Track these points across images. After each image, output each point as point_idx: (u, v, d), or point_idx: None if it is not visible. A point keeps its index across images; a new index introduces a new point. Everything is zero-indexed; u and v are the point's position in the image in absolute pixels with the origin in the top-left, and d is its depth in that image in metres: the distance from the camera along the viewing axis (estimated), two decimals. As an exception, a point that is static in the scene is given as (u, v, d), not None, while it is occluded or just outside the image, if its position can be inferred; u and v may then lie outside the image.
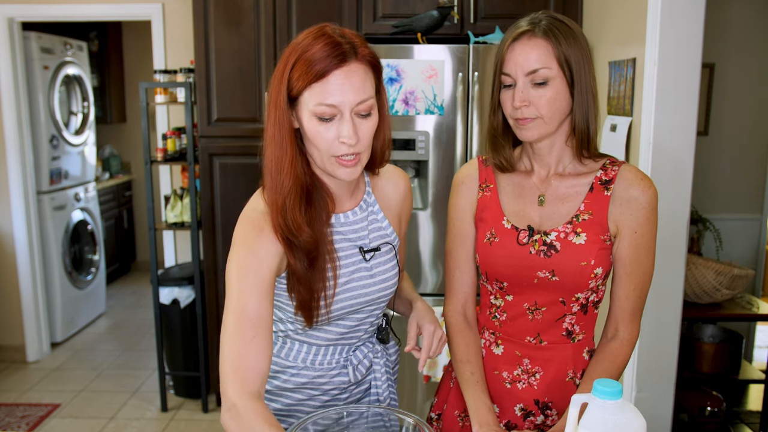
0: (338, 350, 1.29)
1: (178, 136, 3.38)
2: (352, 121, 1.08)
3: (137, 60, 5.88)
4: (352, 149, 1.10)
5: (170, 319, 3.37)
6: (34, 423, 3.20)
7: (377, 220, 1.28)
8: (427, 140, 2.71)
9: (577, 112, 1.19)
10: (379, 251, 1.26)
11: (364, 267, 1.24)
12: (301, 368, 1.28)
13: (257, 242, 1.12)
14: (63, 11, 3.70)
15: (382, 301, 1.29)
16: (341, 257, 1.21)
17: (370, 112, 1.11)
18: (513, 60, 1.17)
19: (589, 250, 1.20)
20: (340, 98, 1.07)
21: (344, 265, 1.21)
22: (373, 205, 1.28)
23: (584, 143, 1.21)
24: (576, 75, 1.17)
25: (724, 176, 3.38)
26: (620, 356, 1.24)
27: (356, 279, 1.23)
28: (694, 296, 2.72)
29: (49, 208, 4.16)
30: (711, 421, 2.82)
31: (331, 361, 1.28)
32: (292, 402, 1.30)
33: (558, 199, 1.25)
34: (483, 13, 2.91)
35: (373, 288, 1.25)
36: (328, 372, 1.29)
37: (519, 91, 1.17)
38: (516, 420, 1.28)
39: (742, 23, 3.28)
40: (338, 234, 1.22)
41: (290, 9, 2.97)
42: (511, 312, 1.27)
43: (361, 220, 1.25)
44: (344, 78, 1.06)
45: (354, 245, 1.23)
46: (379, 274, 1.25)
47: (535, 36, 1.16)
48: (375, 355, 1.34)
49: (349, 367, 1.29)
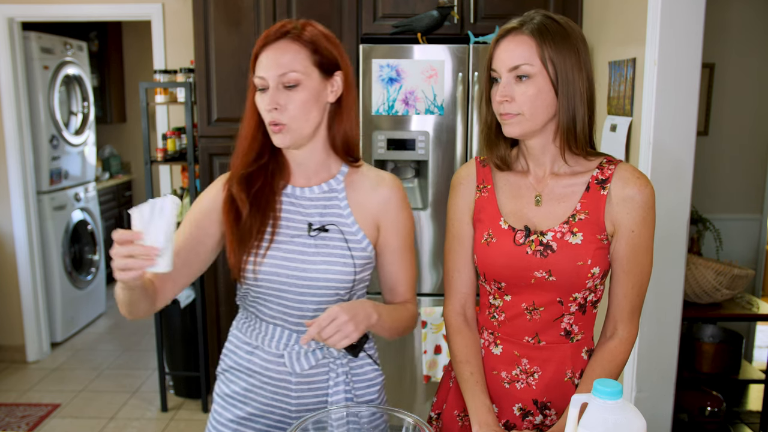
0: (285, 335, 1.31)
1: (178, 136, 3.38)
2: (275, 91, 1.21)
3: (137, 60, 5.88)
4: (276, 117, 1.22)
5: (170, 319, 3.37)
6: (34, 423, 3.20)
7: (338, 206, 1.31)
8: (427, 140, 2.71)
9: (561, 111, 1.19)
10: (327, 232, 1.29)
11: (309, 244, 1.28)
12: (254, 347, 1.34)
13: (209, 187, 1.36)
14: (63, 11, 3.70)
15: (324, 287, 1.27)
16: (290, 227, 1.29)
17: (296, 85, 1.21)
18: (498, 56, 1.20)
19: (585, 249, 1.20)
20: (265, 71, 1.21)
21: (290, 234, 1.29)
22: (339, 192, 1.32)
23: (570, 143, 1.20)
24: (561, 75, 1.16)
25: (724, 176, 3.38)
26: (619, 355, 1.24)
27: (298, 252, 1.28)
28: (694, 296, 2.72)
29: (49, 208, 4.16)
30: (711, 421, 2.82)
31: (279, 345, 1.31)
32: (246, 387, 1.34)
33: (554, 198, 1.25)
34: (483, 13, 2.91)
35: (312, 266, 1.27)
36: (276, 359, 1.31)
37: (502, 87, 1.19)
38: (515, 420, 1.28)
39: (742, 23, 3.28)
40: (292, 205, 1.31)
41: (290, 9, 2.97)
42: (509, 312, 1.27)
43: (319, 199, 1.31)
44: (272, 53, 1.22)
45: (305, 220, 1.30)
46: (322, 255, 1.27)
47: (521, 33, 1.18)
48: (331, 358, 1.32)
49: (287, 353, 1.31)
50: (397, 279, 1.37)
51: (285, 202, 1.31)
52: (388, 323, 1.28)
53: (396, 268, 1.37)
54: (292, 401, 1.32)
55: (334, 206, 1.31)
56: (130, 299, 1.17)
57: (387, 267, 1.37)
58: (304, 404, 1.33)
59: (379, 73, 2.68)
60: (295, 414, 1.33)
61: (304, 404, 1.33)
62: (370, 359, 1.38)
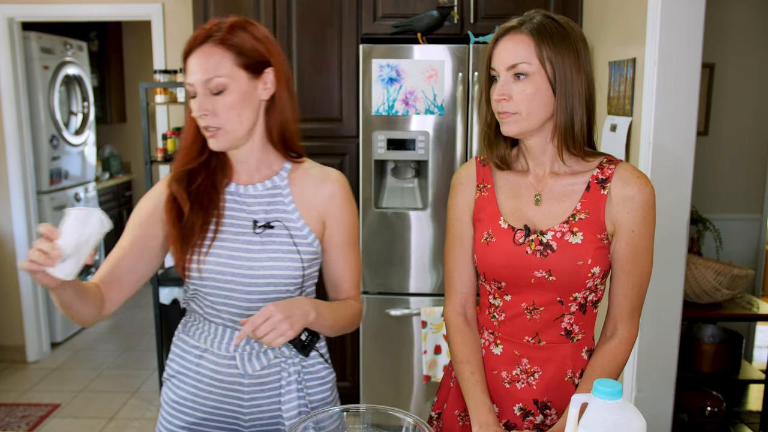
0: (234, 336, 1.30)
1: (178, 136, 3.38)
2: (203, 97, 1.21)
3: (137, 60, 5.88)
4: (207, 122, 1.22)
5: (170, 319, 3.37)
6: (34, 423, 3.20)
7: (283, 203, 1.32)
8: (427, 140, 2.71)
9: (558, 111, 1.19)
10: (272, 228, 1.29)
11: (255, 241, 1.28)
12: (202, 350, 1.33)
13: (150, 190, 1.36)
14: (63, 11, 3.70)
15: (273, 284, 1.27)
16: (234, 224, 1.29)
17: (222, 90, 1.21)
18: (497, 54, 1.20)
19: (585, 249, 1.20)
20: (191, 77, 1.22)
21: (234, 232, 1.29)
22: (284, 189, 1.33)
23: (567, 143, 1.20)
24: (559, 74, 1.17)
25: (724, 176, 3.38)
26: (619, 355, 1.24)
27: (244, 250, 1.27)
28: (694, 296, 2.72)
29: (49, 208, 4.16)
30: (711, 421, 2.82)
31: (228, 347, 1.30)
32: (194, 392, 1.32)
33: (554, 198, 1.25)
34: (483, 13, 2.91)
35: (257, 264, 1.27)
36: (226, 360, 1.30)
37: (500, 85, 1.19)
38: (515, 420, 1.28)
39: (742, 23, 3.28)
40: (236, 202, 1.31)
41: (290, 9, 2.97)
42: (509, 312, 1.27)
43: (263, 196, 1.32)
44: (196, 59, 1.21)
45: (250, 217, 1.30)
46: (269, 252, 1.28)
47: (520, 32, 1.19)
48: (283, 358, 1.32)
49: (238, 354, 1.30)
50: (341, 275, 1.38)
51: (229, 200, 1.31)
52: (329, 321, 1.28)
53: (341, 265, 1.37)
54: (244, 403, 1.31)
55: (279, 203, 1.32)
56: (60, 301, 1.15)
57: (331, 264, 1.37)
58: (257, 405, 1.32)
59: (379, 73, 2.68)
60: (248, 416, 1.32)
61: (256, 405, 1.32)
62: (321, 358, 1.39)
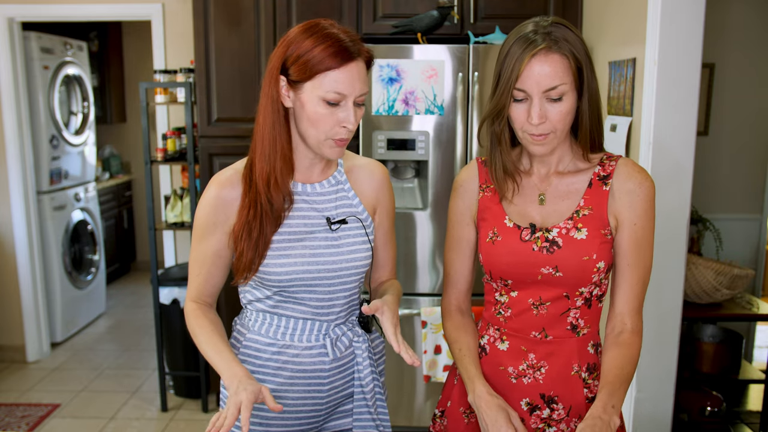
0: (316, 326, 1.35)
1: (178, 136, 3.38)
2: (354, 109, 1.23)
3: (137, 60, 5.88)
4: (351, 134, 1.26)
5: (170, 319, 3.37)
6: (34, 423, 3.20)
7: (347, 197, 1.37)
8: (427, 140, 2.71)
9: (586, 115, 1.22)
10: (346, 224, 1.34)
11: (331, 237, 1.33)
12: (281, 346, 1.35)
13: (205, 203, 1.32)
14: (63, 11, 3.70)
15: (353, 274, 1.35)
16: (307, 224, 1.32)
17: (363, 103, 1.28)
18: (531, 77, 1.16)
19: (590, 244, 1.22)
20: (349, 88, 1.21)
21: (310, 232, 1.32)
22: (344, 183, 1.38)
23: (594, 144, 1.26)
24: (585, 81, 1.20)
25: (724, 176, 3.38)
26: (635, 345, 1.26)
27: (323, 247, 1.32)
28: (694, 296, 2.72)
29: (49, 208, 4.16)
30: (711, 421, 2.82)
31: (310, 337, 1.35)
32: (275, 387, 1.35)
33: (558, 196, 1.27)
34: (483, 13, 2.91)
35: (339, 257, 1.32)
36: (309, 350, 1.35)
37: (536, 107, 1.17)
38: (523, 414, 1.30)
39: (742, 23, 3.28)
40: (305, 203, 1.33)
41: (290, 9, 2.97)
42: (516, 308, 1.29)
43: (329, 192, 1.36)
44: (356, 71, 1.22)
45: (321, 215, 1.33)
46: (345, 245, 1.33)
47: (551, 52, 1.16)
48: (356, 336, 1.39)
49: (326, 341, 1.35)
50: (386, 257, 1.47)
51: (297, 200, 1.34)
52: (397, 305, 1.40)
53: (388, 248, 1.47)
54: (324, 387, 1.37)
55: (343, 197, 1.37)
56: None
57: (379, 248, 1.45)
58: (336, 387, 1.39)
59: (379, 73, 2.68)
60: (326, 397, 1.39)
61: (335, 387, 1.39)
62: (378, 332, 1.47)
